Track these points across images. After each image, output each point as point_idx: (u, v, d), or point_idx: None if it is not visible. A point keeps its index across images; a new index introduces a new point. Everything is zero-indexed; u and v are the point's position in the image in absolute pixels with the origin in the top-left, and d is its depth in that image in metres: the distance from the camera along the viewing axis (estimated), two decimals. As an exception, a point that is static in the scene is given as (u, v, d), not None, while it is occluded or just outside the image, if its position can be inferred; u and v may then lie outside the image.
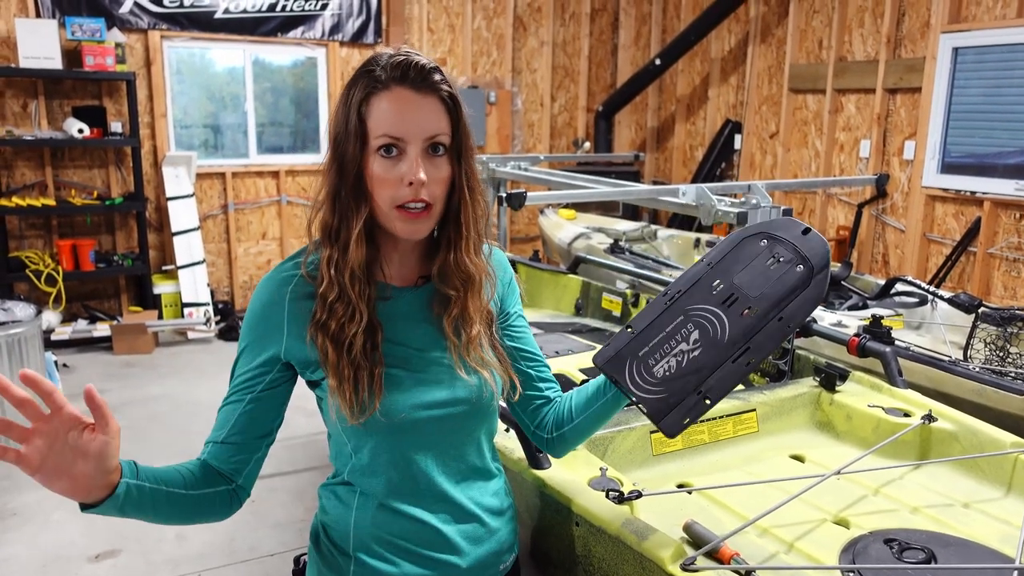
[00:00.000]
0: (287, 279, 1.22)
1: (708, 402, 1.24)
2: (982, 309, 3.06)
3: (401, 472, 1.24)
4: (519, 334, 1.39)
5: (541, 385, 1.41)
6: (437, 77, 1.16)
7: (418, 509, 1.25)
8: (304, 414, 3.59)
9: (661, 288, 3.70)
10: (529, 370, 1.39)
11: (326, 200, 1.19)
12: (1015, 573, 1.47)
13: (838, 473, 1.82)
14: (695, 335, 1.26)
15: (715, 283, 1.27)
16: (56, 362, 4.77)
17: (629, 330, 1.32)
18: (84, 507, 1.07)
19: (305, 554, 1.37)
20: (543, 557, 1.73)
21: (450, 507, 1.27)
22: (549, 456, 1.77)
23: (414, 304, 1.27)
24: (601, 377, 1.35)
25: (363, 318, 1.18)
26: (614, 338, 1.34)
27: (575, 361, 2.83)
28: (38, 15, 5.58)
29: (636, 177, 7.67)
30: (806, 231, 1.26)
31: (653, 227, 5.84)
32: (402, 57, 1.15)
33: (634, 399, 1.28)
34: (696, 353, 1.25)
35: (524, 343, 1.40)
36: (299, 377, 1.27)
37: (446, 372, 1.25)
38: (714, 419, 2.10)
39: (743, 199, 3.51)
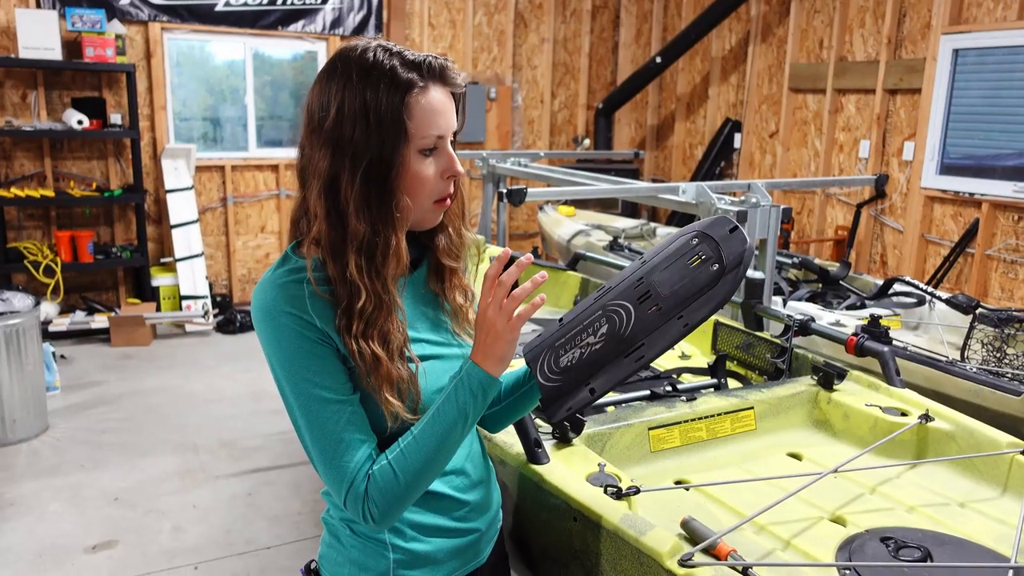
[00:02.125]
0: (297, 283, 1.14)
1: (592, 394, 1.26)
2: (979, 310, 3.07)
3: None
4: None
5: None
6: (457, 74, 1.19)
7: (437, 484, 1.27)
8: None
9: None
10: None
11: (355, 210, 1.12)
12: (1010, 572, 1.48)
13: (835, 471, 1.83)
14: (604, 329, 1.27)
15: (639, 279, 1.29)
16: (54, 353, 4.76)
17: (560, 321, 1.35)
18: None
19: (314, 560, 1.35)
20: (540, 552, 1.74)
21: (463, 478, 1.31)
22: (547, 451, 1.78)
23: (411, 292, 1.28)
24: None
25: (405, 318, 1.20)
26: (546, 329, 1.37)
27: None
28: (38, 5, 5.57)
29: (635, 175, 7.67)
30: (732, 229, 1.25)
31: (652, 225, 5.84)
32: (423, 56, 1.16)
33: (540, 390, 1.31)
34: (598, 347, 1.26)
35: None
36: None
37: (456, 348, 1.29)
38: (712, 416, 2.11)
39: (743, 197, 3.51)
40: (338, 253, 1.14)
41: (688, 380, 2.57)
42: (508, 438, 1.82)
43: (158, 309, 5.98)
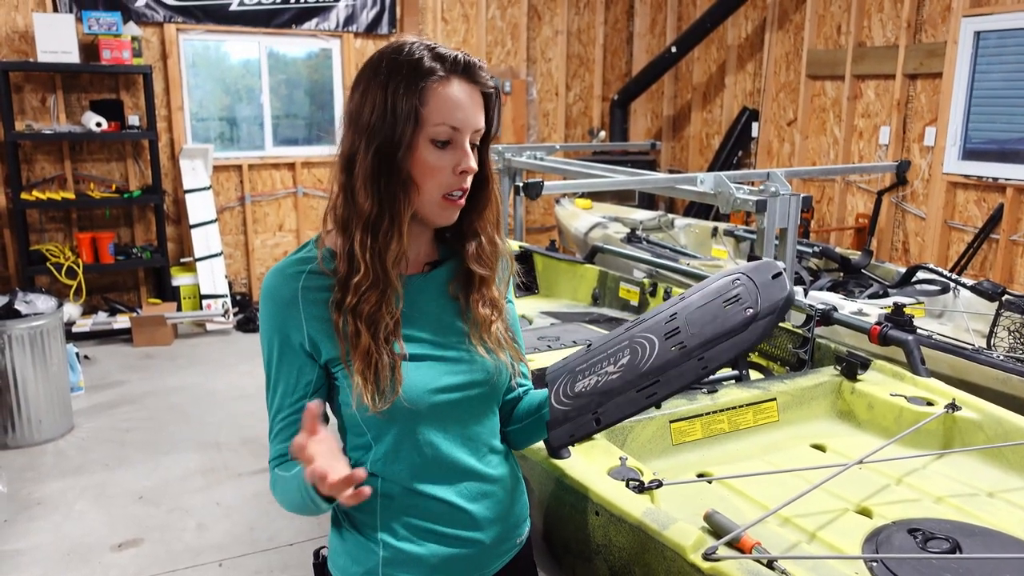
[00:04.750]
0: (296, 275, 1.21)
1: (596, 425, 1.23)
2: (1006, 297, 3.02)
3: (423, 456, 1.25)
4: (509, 324, 1.39)
5: (514, 381, 1.40)
6: (485, 74, 1.21)
7: (441, 489, 1.26)
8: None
9: (677, 277, 3.70)
10: None
11: (363, 186, 1.16)
12: (1042, 563, 1.45)
13: (860, 462, 1.80)
14: (624, 360, 1.25)
15: (672, 314, 1.26)
16: (78, 354, 4.82)
17: (589, 346, 1.34)
18: (329, 501, 1.17)
19: (324, 547, 1.38)
20: (562, 546, 1.73)
21: (471, 486, 1.29)
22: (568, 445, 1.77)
23: (425, 289, 1.28)
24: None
25: (400, 303, 1.20)
26: (573, 353, 1.37)
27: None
28: (55, 9, 5.62)
29: (652, 166, 7.62)
30: (776, 275, 1.21)
31: (670, 216, 5.81)
32: (454, 52, 1.19)
33: (549, 411, 1.31)
34: (615, 377, 1.24)
35: (512, 334, 1.39)
36: None
37: (464, 354, 1.27)
38: (734, 408, 2.09)
39: (762, 187, 3.47)
40: (347, 229, 1.19)
41: (709, 372, 2.54)
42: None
43: (179, 309, 6.03)
